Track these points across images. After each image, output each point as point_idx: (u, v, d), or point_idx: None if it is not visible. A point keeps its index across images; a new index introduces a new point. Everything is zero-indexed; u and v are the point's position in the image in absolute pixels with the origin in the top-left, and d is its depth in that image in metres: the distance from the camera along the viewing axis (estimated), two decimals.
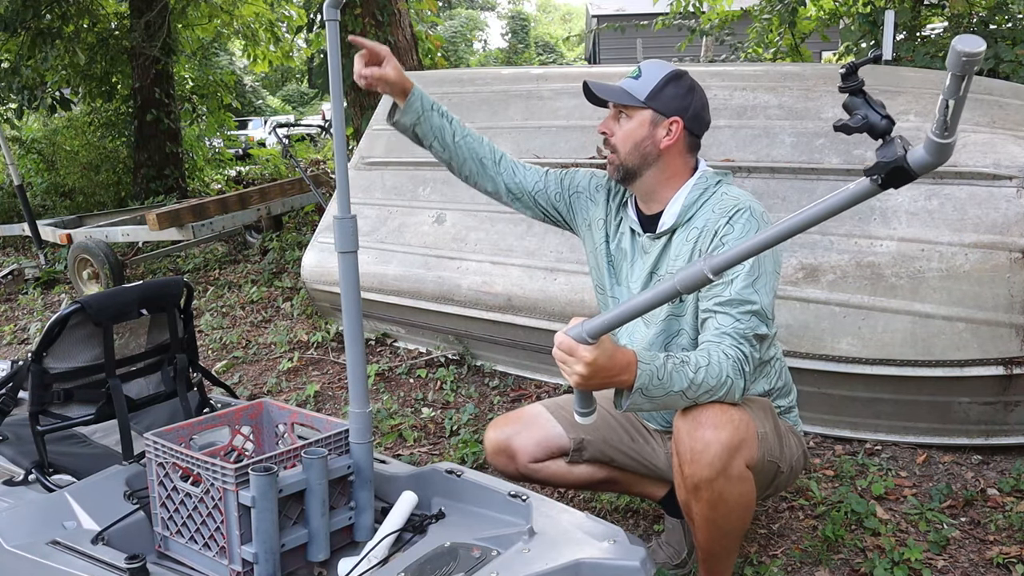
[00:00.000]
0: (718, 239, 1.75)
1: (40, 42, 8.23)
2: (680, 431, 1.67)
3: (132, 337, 2.24)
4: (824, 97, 3.14)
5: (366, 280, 3.72)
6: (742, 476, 1.67)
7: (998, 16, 4.97)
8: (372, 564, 1.63)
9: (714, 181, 1.85)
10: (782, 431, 1.86)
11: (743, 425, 1.65)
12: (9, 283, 6.61)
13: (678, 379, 1.59)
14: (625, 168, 1.86)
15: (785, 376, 1.97)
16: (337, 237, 1.73)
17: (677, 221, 1.84)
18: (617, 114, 1.86)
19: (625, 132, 1.84)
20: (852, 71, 1.18)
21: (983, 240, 2.64)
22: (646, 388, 1.56)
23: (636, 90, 1.82)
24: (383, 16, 6.30)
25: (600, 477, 2.08)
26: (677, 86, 1.82)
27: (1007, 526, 2.31)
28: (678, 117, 1.82)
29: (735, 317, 1.68)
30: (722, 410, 1.65)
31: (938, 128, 1.06)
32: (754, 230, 1.73)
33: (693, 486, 1.67)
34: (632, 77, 1.85)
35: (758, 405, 1.82)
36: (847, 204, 1.19)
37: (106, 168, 9.75)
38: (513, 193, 2.10)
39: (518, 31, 30.57)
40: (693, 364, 1.62)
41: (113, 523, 1.76)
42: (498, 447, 2.01)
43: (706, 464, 1.63)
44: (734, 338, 1.67)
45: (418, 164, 4.11)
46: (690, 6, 7.27)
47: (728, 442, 1.62)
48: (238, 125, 15.72)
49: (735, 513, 1.71)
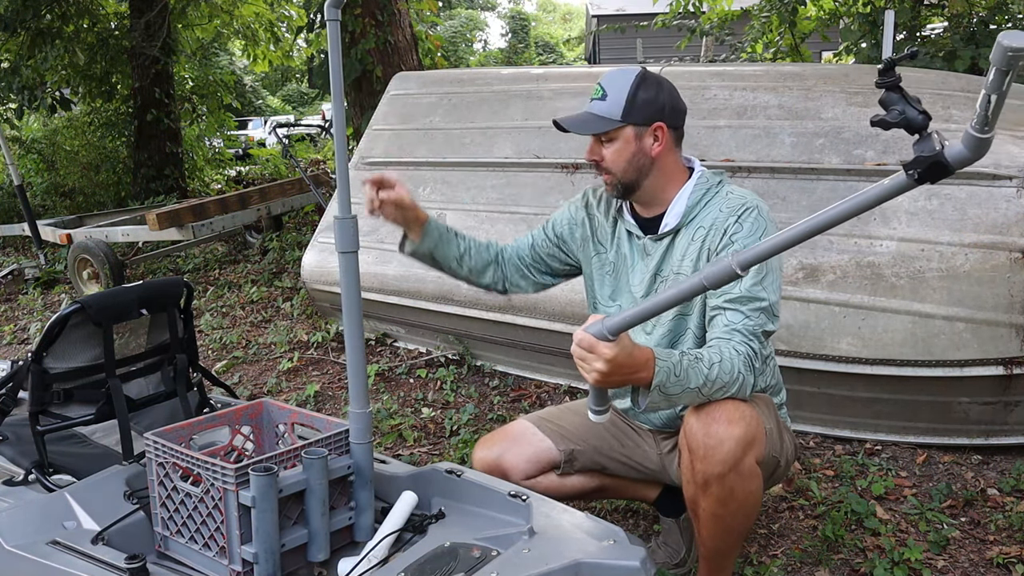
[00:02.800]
0: (727, 237, 1.76)
1: (40, 42, 8.23)
2: (693, 427, 1.67)
3: (132, 337, 2.23)
4: (824, 97, 3.14)
5: (366, 280, 3.72)
6: (752, 472, 1.68)
7: (998, 16, 4.98)
8: (372, 564, 1.63)
9: (716, 181, 1.86)
10: (780, 426, 1.88)
11: (754, 421, 1.67)
12: (9, 283, 6.61)
13: (694, 376, 1.59)
14: (624, 184, 1.85)
15: (777, 374, 1.98)
16: (337, 237, 1.73)
17: (681, 221, 1.84)
18: (598, 138, 1.83)
19: (614, 153, 1.82)
20: (890, 67, 1.18)
21: (983, 240, 2.64)
22: (664, 385, 1.56)
23: (609, 111, 1.79)
24: (383, 16, 6.31)
25: (592, 486, 2.07)
26: (646, 90, 1.80)
27: (1007, 526, 2.31)
28: (659, 122, 1.81)
29: (745, 314, 1.69)
30: (735, 406, 1.65)
31: (978, 123, 1.05)
32: (762, 228, 1.75)
33: (704, 481, 1.67)
34: (598, 99, 1.81)
35: (763, 402, 1.83)
36: (883, 198, 1.19)
37: (106, 168, 9.75)
38: (525, 275, 2.10)
39: (518, 31, 30.57)
40: (707, 361, 1.63)
41: (113, 523, 1.75)
42: (489, 466, 1.97)
43: (720, 460, 1.64)
44: (744, 335, 1.68)
45: (418, 164, 4.11)
46: (690, 6, 7.26)
47: (742, 437, 1.63)
48: (238, 125, 15.74)
49: (743, 510, 1.71)
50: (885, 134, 2.94)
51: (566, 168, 3.59)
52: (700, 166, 1.90)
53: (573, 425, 2.04)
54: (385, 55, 6.37)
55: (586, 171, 3.53)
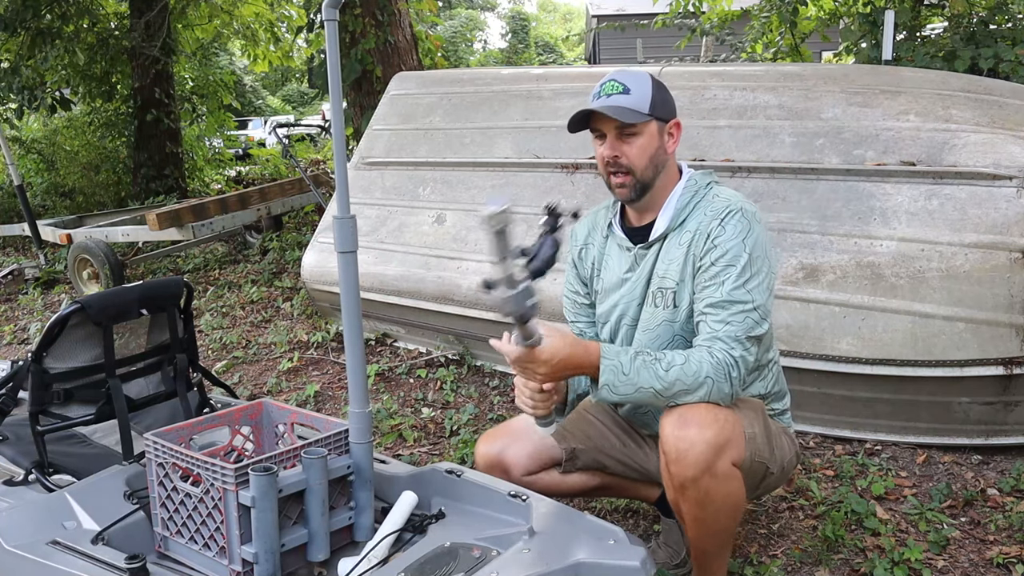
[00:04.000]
0: (710, 242, 1.74)
1: (40, 42, 8.22)
2: (665, 430, 1.68)
3: (132, 337, 2.24)
4: (824, 97, 3.14)
5: (366, 280, 3.72)
6: (728, 475, 1.67)
7: (998, 16, 4.98)
8: (372, 564, 1.63)
9: (704, 183, 1.84)
10: (773, 432, 1.86)
11: (728, 425, 1.66)
12: (9, 283, 6.61)
13: (647, 377, 1.62)
14: (643, 183, 1.81)
15: (781, 380, 1.97)
16: (337, 237, 1.73)
17: (670, 226, 1.82)
18: (620, 134, 1.79)
19: (639, 148, 1.78)
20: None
21: (983, 240, 2.64)
22: (612, 384, 1.63)
23: (637, 105, 1.77)
24: (383, 16, 6.31)
25: (594, 484, 2.07)
26: (660, 89, 1.81)
27: (1007, 526, 2.31)
28: (676, 119, 1.83)
29: (725, 319, 1.68)
30: (708, 409, 1.65)
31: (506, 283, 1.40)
32: (746, 230, 1.71)
33: (680, 485, 1.68)
34: (620, 93, 1.77)
35: (749, 406, 1.82)
36: None
37: (106, 168, 9.75)
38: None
39: (518, 31, 30.55)
40: (666, 363, 1.64)
41: (113, 523, 1.76)
42: (491, 462, 1.98)
43: (691, 463, 1.64)
44: (723, 341, 1.67)
45: (418, 164, 4.11)
46: (690, 6, 7.26)
47: (713, 441, 1.63)
48: (238, 125, 15.72)
49: (723, 511, 1.71)
50: (885, 134, 2.94)
51: (566, 168, 3.59)
52: (689, 169, 1.89)
53: (575, 423, 2.04)
54: (385, 55, 6.38)
55: (586, 171, 3.53)
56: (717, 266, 1.71)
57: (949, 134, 2.84)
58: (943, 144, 2.83)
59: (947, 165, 2.78)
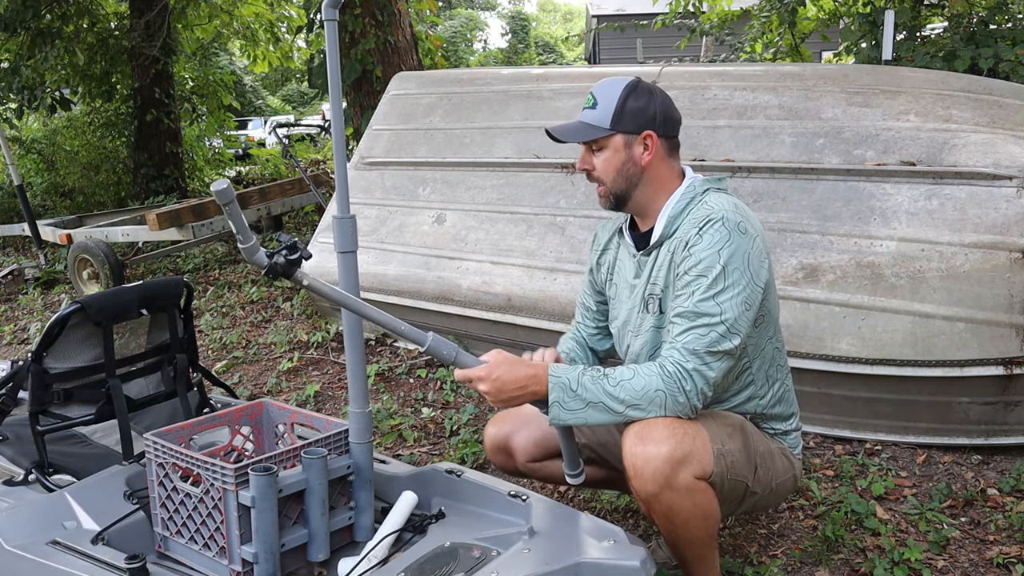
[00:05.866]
0: (687, 250, 1.72)
1: (40, 42, 8.23)
2: (624, 446, 1.67)
3: (132, 337, 2.24)
4: (824, 97, 3.14)
5: (366, 280, 3.72)
6: (691, 488, 1.64)
7: (998, 16, 4.97)
8: (372, 564, 1.64)
9: (701, 190, 1.81)
10: (761, 451, 1.82)
11: (688, 438, 1.63)
12: (9, 283, 6.61)
13: (595, 391, 1.62)
14: (615, 195, 1.83)
15: (787, 400, 1.92)
16: (337, 237, 1.73)
17: (663, 233, 1.81)
18: (589, 147, 1.82)
19: (604, 162, 1.80)
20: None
21: (983, 240, 2.64)
22: (562, 401, 1.62)
23: (598, 120, 1.78)
24: (383, 16, 6.31)
25: (599, 477, 2.08)
26: (636, 98, 1.78)
27: (1007, 526, 2.31)
28: (649, 130, 1.78)
29: (688, 330, 1.66)
30: (667, 424, 1.63)
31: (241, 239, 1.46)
32: (724, 240, 1.67)
33: (643, 499, 1.68)
34: (589, 107, 1.80)
35: (725, 421, 1.78)
36: None
37: (106, 168, 9.76)
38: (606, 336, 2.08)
39: (518, 31, 30.55)
40: (614, 378, 1.63)
41: (113, 523, 1.76)
42: (497, 445, 2.02)
43: (649, 479, 1.63)
44: (679, 352, 1.65)
45: (418, 164, 4.11)
46: (690, 6, 7.26)
47: (669, 456, 1.61)
48: (238, 125, 15.73)
49: (692, 523, 1.69)
50: (885, 134, 2.94)
51: (566, 168, 3.59)
52: (692, 174, 1.86)
53: None
54: (385, 55, 6.38)
55: None
56: (690, 275, 1.69)
57: (949, 134, 2.84)
58: (943, 144, 2.83)
59: (947, 165, 2.78)
